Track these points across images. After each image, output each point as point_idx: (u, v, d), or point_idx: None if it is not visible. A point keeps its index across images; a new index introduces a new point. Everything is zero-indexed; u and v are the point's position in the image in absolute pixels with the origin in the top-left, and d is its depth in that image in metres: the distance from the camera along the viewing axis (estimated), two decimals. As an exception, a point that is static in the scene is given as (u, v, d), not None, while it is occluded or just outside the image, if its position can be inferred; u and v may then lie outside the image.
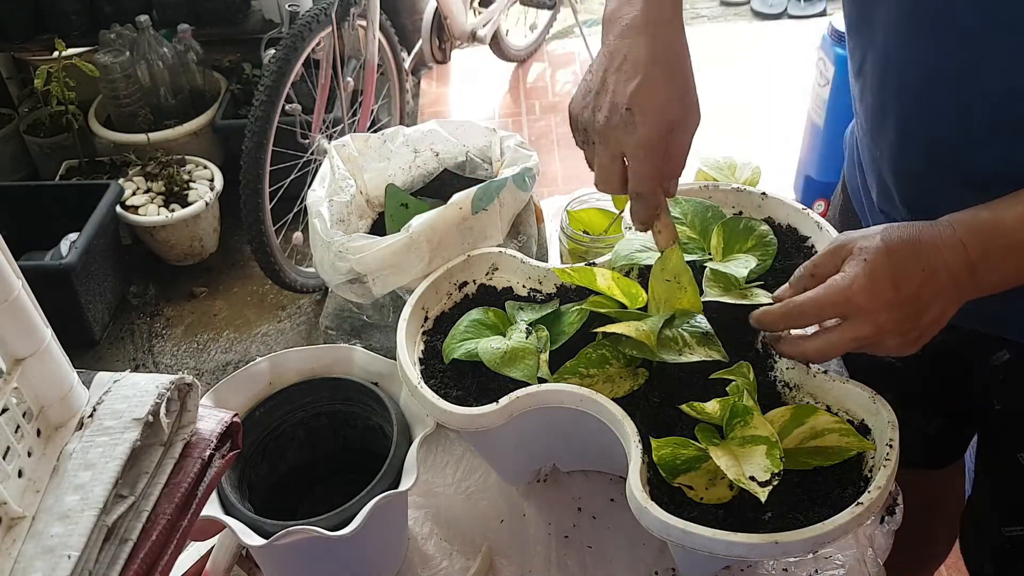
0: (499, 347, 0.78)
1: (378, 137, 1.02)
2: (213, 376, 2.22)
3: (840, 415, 0.74)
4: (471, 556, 0.86)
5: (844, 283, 0.68)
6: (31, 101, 2.73)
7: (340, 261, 0.87)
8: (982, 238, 0.67)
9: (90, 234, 2.16)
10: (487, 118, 3.10)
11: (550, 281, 0.88)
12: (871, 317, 0.67)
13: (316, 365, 0.89)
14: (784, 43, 3.30)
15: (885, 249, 0.67)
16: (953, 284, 0.67)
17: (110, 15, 2.58)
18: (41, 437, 0.57)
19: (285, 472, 0.90)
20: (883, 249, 0.67)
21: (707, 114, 0.77)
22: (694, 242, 0.86)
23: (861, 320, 0.67)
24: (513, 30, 3.32)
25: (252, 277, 2.49)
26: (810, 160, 2.32)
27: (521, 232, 0.98)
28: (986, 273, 0.67)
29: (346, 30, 2.21)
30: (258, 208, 2.03)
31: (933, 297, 0.67)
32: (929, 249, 0.67)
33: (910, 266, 0.67)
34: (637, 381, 0.76)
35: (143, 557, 0.55)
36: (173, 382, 0.60)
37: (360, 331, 1.01)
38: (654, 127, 0.71)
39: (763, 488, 0.64)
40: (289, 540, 0.72)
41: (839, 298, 0.68)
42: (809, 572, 0.82)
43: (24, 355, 0.55)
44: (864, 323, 0.67)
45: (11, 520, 0.52)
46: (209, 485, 0.62)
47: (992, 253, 0.67)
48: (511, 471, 0.90)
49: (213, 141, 2.63)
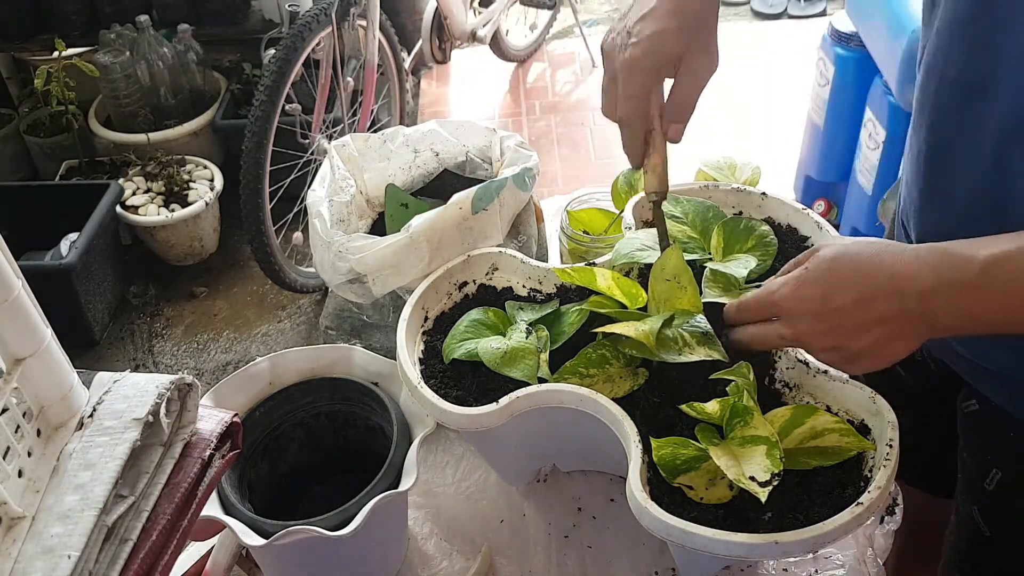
0: (499, 347, 0.78)
1: (378, 137, 1.02)
2: (213, 376, 2.22)
3: (840, 415, 0.74)
4: (471, 556, 0.86)
5: (775, 286, 0.70)
6: (31, 101, 2.73)
7: (340, 261, 0.87)
8: (943, 269, 0.63)
9: (90, 234, 2.16)
10: (487, 118, 3.10)
11: (550, 281, 0.88)
12: (792, 322, 0.69)
13: (316, 365, 0.89)
14: (784, 43, 3.30)
15: (829, 261, 0.67)
16: (901, 313, 0.64)
17: (110, 15, 2.58)
18: (41, 437, 0.57)
19: (285, 472, 0.90)
20: (827, 260, 0.67)
21: (707, 114, 0.77)
22: (694, 242, 0.86)
23: (785, 322, 0.69)
24: (513, 30, 3.32)
25: (252, 277, 2.49)
26: (810, 160, 2.31)
27: (521, 232, 0.98)
28: (940, 308, 0.63)
29: (346, 30, 2.20)
30: (258, 208, 2.03)
31: (871, 321, 0.65)
32: (877, 271, 0.65)
33: (846, 283, 0.66)
34: (637, 381, 0.76)
35: (143, 557, 0.55)
36: (173, 382, 0.60)
37: (360, 331, 1.01)
38: (643, 51, 0.74)
39: (763, 488, 0.64)
40: (289, 540, 0.72)
41: (768, 299, 0.71)
42: (809, 572, 0.82)
43: (24, 355, 0.55)
44: (786, 325, 0.69)
45: (11, 520, 0.52)
46: (209, 485, 0.62)
47: (946, 287, 0.62)
48: (511, 471, 0.90)
49: (213, 141, 2.63)
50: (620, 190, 1.00)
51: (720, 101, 3.01)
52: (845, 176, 2.18)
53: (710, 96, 0.78)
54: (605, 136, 2.88)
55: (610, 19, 3.67)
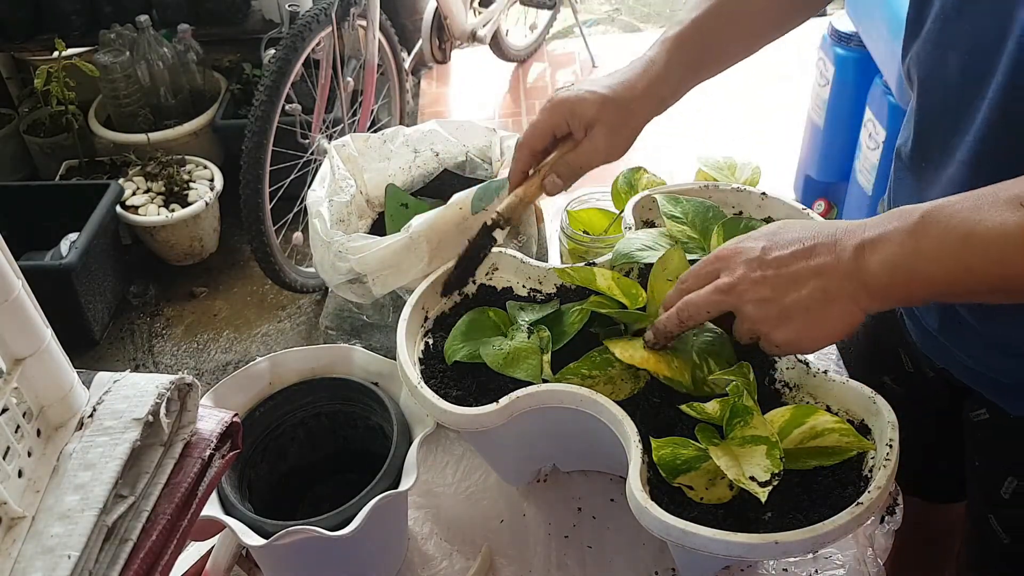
0: (502, 348, 0.78)
1: (378, 137, 1.02)
2: (213, 376, 2.22)
3: (840, 415, 0.74)
4: (471, 556, 0.86)
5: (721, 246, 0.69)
6: (31, 101, 2.73)
7: (340, 261, 0.87)
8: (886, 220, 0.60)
9: (90, 234, 2.16)
10: (487, 118, 3.10)
11: (550, 281, 0.88)
12: (729, 272, 0.66)
13: (316, 365, 0.89)
14: (784, 43, 3.29)
15: (779, 223, 0.67)
16: (835, 265, 0.61)
17: (110, 15, 2.58)
18: (41, 437, 0.57)
19: (285, 472, 0.89)
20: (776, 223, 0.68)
21: (707, 114, 0.78)
22: (694, 242, 0.86)
23: (726, 272, 0.66)
24: (513, 30, 3.32)
25: (252, 277, 2.49)
26: (810, 160, 2.31)
27: (521, 232, 0.98)
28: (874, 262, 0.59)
29: (346, 30, 2.21)
30: (258, 208, 2.03)
31: (807, 272, 0.62)
32: (824, 224, 0.64)
33: (789, 234, 0.65)
34: (638, 384, 0.76)
35: (143, 557, 0.54)
36: (173, 382, 0.60)
37: (360, 331, 1.01)
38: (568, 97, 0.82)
39: (763, 488, 0.64)
40: (289, 540, 0.72)
41: (711, 257, 0.69)
42: (809, 572, 0.82)
43: (24, 355, 0.55)
44: (728, 274, 0.66)
45: (11, 520, 0.52)
46: (209, 485, 0.62)
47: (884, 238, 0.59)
48: (511, 471, 0.90)
49: (213, 141, 2.63)
50: (620, 190, 1.00)
51: (720, 101, 3.02)
52: (845, 176, 2.18)
53: (710, 96, 0.78)
54: (605, 136, 2.88)
55: (610, 19, 3.67)
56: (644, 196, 0.93)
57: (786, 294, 0.63)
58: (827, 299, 0.62)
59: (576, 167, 0.84)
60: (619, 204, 1.00)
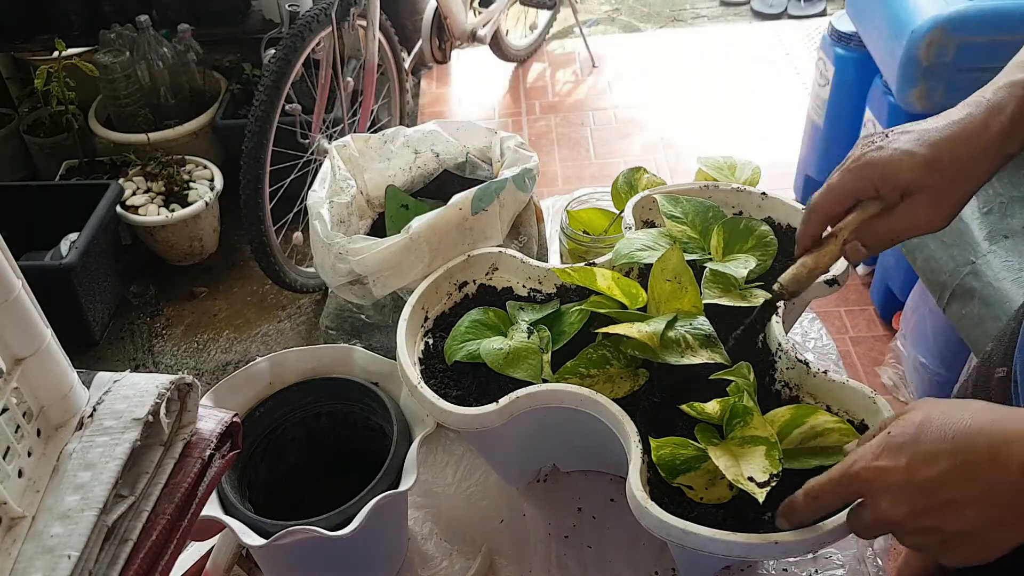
0: (502, 348, 0.78)
1: (379, 137, 1.02)
2: (213, 376, 2.22)
3: (840, 415, 0.74)
4: (471, 556, 0.86)
5: (851, 459, 0.59)
6: (31, 101, 2.73)
7: (340, 263, 0.87)
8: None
9: (90, 234, 2.16)
10: (487, 118, 3.10)
11: (550, 281, 0.88)
12: (873, 500, 0.58)
13: (316, 365, 0.89)
14: (784, 43, 3.30)
15: (916, 426, 0.56)
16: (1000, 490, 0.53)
17: (110, 15, 2.58)
18: (41, 437, 0.57)
19: (285, 472, 0.90)
20: (913, 424, 0.56)
21: (708, 114, 0.78)
22: (694, 242, 0.86)
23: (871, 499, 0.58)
24: (513, 30, 3.32)
25: (252, 277, 2.49)
26: (810, 160, 2.31)
27: (521, 232, 0.98)
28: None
29: (346, 30, 2.21)
30: (258, 208, 2.03)
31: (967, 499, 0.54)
32: (974, 437, 0.54)
33: (936, 451, 0.55)
34: (637, 382, 0.77)
35: (143, 557, 0.55)
36: (173, 382, 0.60)
37: (360, 331, 1.01)
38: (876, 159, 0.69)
39: (761, 489, 0.64)
40: (289, 540, 0.72)
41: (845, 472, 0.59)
42: (809, 572, 0.82)
43: (24, 355, 0.55)
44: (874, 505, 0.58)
45: (11, 520, 0.52)
46: (209, 485, 0.62)
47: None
48: (511, 471, 0.90)
49: (213, 141, 2.63)
50: (620, 190, 1.00)
51: (720, 101, 3.02)
52: (845, 176, 2.18)
53: (711, 96, 0.78)
54: (605, 136, 2.89)
55: (610, 19, 3.67)
56: (644, 196, 0.94)
57: (948, 523, 0.55)
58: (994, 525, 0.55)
59: (887, 238, 0.70)
60: (619, 204, 1.00)
